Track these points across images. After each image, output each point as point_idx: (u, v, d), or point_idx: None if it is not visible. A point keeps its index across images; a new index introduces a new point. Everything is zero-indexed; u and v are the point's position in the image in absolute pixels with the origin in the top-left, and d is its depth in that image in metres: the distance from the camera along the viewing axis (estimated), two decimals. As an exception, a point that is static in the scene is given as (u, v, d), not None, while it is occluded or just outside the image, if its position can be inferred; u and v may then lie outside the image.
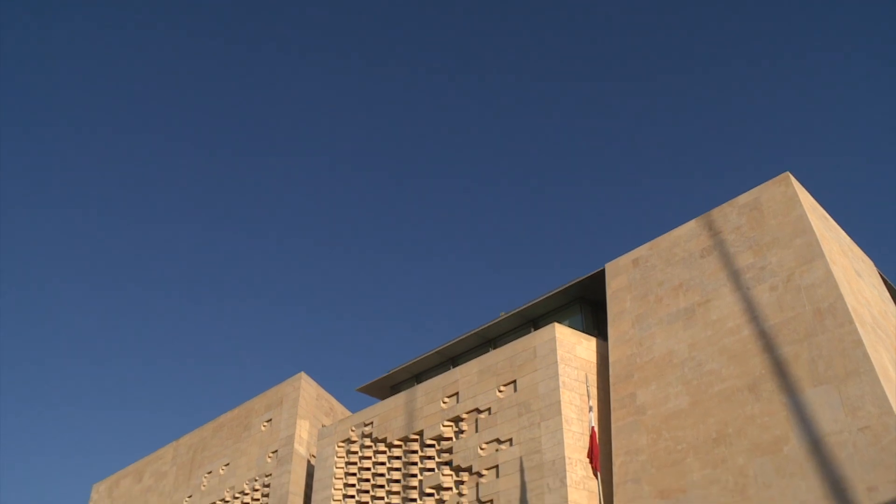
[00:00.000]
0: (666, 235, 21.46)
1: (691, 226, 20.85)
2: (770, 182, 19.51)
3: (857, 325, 16.24)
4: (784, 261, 18.15)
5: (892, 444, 14.78)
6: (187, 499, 35.10)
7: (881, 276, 22.88)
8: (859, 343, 15.94)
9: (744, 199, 19.89)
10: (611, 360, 20.99)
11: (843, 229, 21.35)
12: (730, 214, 19.97)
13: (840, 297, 16.67)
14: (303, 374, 32.26)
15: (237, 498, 32.15)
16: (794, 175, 19.30)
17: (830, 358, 16.32)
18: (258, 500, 31.08)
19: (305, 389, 31.97)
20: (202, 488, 34.47)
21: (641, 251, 21.85)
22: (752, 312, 18.22)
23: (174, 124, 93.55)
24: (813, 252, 17.64)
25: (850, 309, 16.49)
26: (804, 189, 19.46)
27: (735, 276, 18.98)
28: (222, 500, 32.83)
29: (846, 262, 19.24)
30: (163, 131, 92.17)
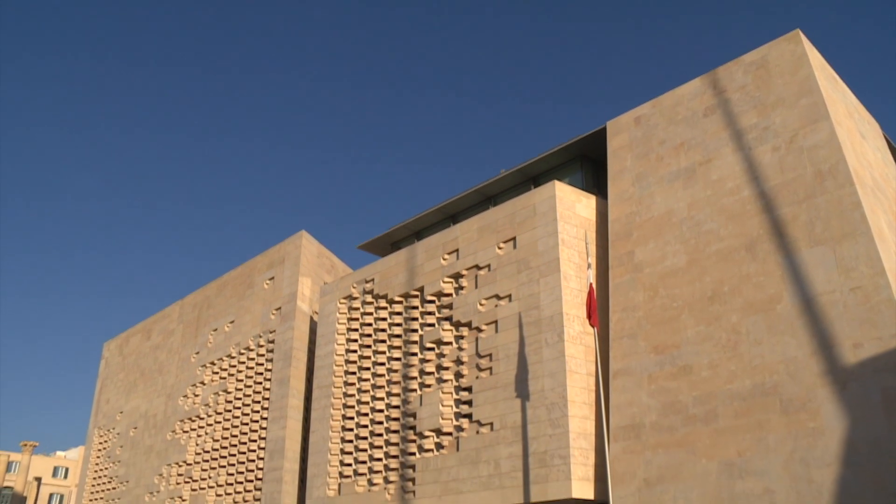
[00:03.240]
0: (669, 94, 21.07)
1: (695, 84, 20.44)
2: (779, 40, 18.91)
3: (858, 187, 16.21)
4: (788, 121, 17.92)
5: (880, 304, 15.12)
6: (195, 355, 36.14)
7: (886, 138, 22.66)
8: (858, 205, 15.99)
9: (750, 57, 19.37)
10: (610, 218, 21.11)
11: (852, 90, 20.95)
12: (735, 73, 19.54)
13: (842, 158, 16.57)
14: (304, 233, 32.48)
15: (243, 353, 33.09)
16: (804, 33, 18.73)
17: (828, 219, 16.42)
18: (263, 355, 32.00)
19: (306, 247, 32.29)
20: (208, 345, 35.44)
21: (644, 109, 21.53)
22: (753, 173, 18.17)
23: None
24: (818, 113, 17.39)
25: (852, 171, 16.42)
26: (814, 48, 18.90)
27: (737, 136, 18.80)
28: (228, 355, 33.80)
29: (851, 123, 19.00)
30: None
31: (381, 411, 25.02)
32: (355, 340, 26.98)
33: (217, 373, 34.27)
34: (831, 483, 14.74)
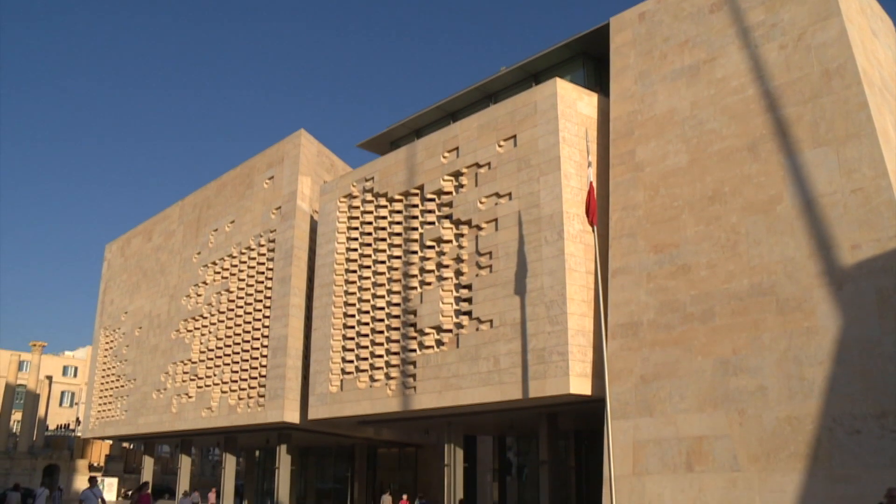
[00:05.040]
0: (675, -12, 20.49)
1: (703, -22, 19.84)
2: (791, -70, 18.27)
3: (865, 87, 15.92)
4: (797, 18, 17.46)
5: (881, 206, 15.11)
6: (196, 255, 36.35)
7: (899, 36, 22.12)
8: (864, 105, 15.76)
9: (761, -52, 18.74)
10: (612, 116, 20.86)
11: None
12: (745, -34, 18.93)
13: (851, 57, 16.22)
14: (303, 131, 32.14)
15: (244, 253, 33.25)
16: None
17: (833, 120, 16.22)
18: (264, 254, 32.17)
19: (306, 146, 32.03)
20: (209, 245, 35.58)
21: (648, 5, 20.95)
22: (758, 71, 17.84)
23: None
24: (829, 9, 16.92)
25: (860, 70, 16.09)
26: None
27: (744, 34, 18.38)
28: (230, 255, 33.98)
29: (863, 20, 18.49)
30: None
31: (382, 309, 25.36)
32: (356, 239, 27.09)
33: (219, 272, 34.55)
34: (822, 380, 15.09)
